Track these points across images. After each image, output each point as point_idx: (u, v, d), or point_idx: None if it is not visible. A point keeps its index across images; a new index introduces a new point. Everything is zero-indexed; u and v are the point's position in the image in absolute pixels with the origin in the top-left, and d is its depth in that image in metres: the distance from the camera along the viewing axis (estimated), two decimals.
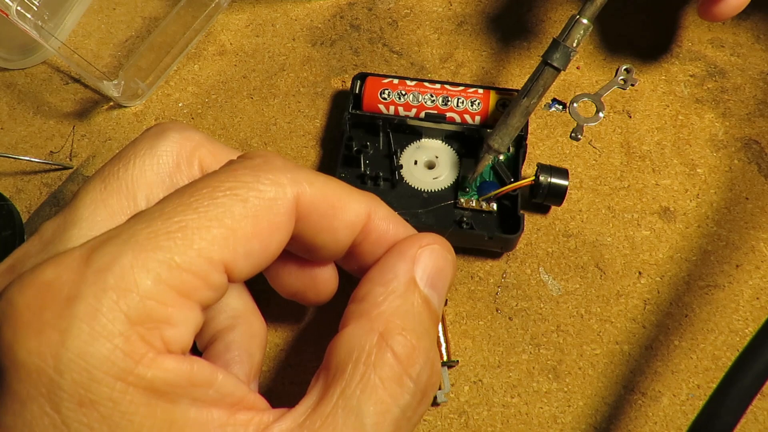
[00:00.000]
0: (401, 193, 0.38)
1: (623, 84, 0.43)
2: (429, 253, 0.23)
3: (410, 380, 0.20)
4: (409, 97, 0.39)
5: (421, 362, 0.20)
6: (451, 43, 0.45)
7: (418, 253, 0.23)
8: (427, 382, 0.20)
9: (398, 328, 0.20)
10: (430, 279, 0.22)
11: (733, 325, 0.36)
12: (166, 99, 0.44)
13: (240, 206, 0.19)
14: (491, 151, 0.36)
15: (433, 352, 0.21)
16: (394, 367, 0.20)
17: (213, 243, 0.19)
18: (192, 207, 0.19)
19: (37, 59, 0.45)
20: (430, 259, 0.23)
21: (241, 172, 0.20)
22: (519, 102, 0.36)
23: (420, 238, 0.23)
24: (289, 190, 0.21)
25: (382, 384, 0.19)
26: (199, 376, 0.18)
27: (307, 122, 0.42)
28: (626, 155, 0.40)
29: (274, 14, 0.47)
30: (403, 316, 0.21)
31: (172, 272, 0.18)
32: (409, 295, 0.21)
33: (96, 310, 0.17)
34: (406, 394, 0.20)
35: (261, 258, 0.20)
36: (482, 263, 0.37)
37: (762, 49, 0.44)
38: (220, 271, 0.19)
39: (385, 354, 0.20)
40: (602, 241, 0.38)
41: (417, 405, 0.20)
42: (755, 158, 0.40)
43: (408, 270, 0.22)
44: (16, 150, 0.42)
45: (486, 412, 0.34)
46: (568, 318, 0.36)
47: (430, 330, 0.21)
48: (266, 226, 0.20)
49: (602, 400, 0.34)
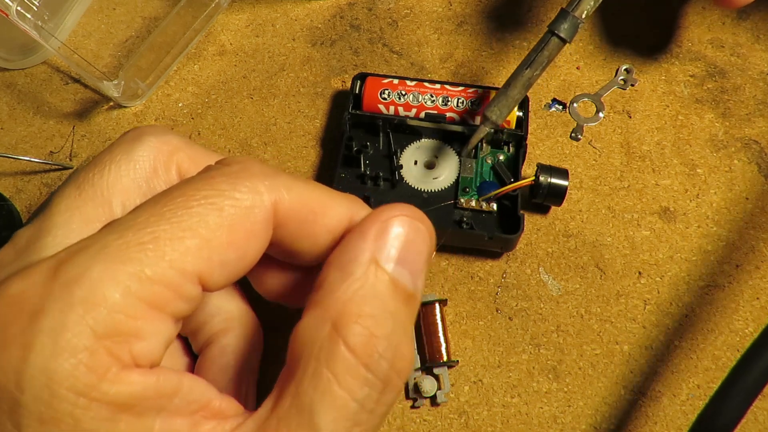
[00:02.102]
0: (401, 193, 0.38)
1: (623, 84, 0.43)
2: (393, 227, 0.20)
3: (367, 371, 0.18)
4: (409, 97, 0.39)
5: (380, 350, 0.19)
6: (451, 43, 0.45)
7: (380, 229, 0.20)
8: (388, 371, 0.19)
9: (353, 316, 0.19)
10: (398, 255, 0.20)
11: (733, 325, 0.36)
12: (166, 99, 0.44)
13: (215, 215, 0.19)
14: (488, 122, 0.35)
15: (398, 337, 0.19)
16: (348, 359, 0.18)
17: (186, 254, 0.18)
18: (165, 217, 0.19)
19: (37, 59, 0.45)
20: (395, 233, 0.20)
21: (217, 179, 0.20)
22: (521, 73, 0.35)
23: (381, 211, 0.21)
24: (267, 198, 0.20)
25: (335, 379, 0.18)
26: (165, 387, 0.18)
27: (307, 122, 0.42)
28: (626, 155, 0.40)
29: (274, 14, 0.47)
30: (362, 302, 0.19)
31: (142, 285, 0.18)
32: (369, 276, 0.19)
33: (61, 325, 0.17)
34: (364, 386, 0.18)
35: (237, 267, 0.20)
36: (482, 263, 0.37)
37: (762, 49, 0.44)
38: (193, 282, 0.19)
39: (337, 346, 0.18)
40: (602, 241, 0.38)
41: (379, 396, 0.19)
42: (755, 158, 0.40)
43: (367, 249, 0.20)
44: (16, 150, 0.42)
45: (486, 412, 0.34)
46: (568, 318, 0.36)
47: (397, 313, 0.20)
48: (242, 235, 0.20)
49: (602, 400, 0.34)
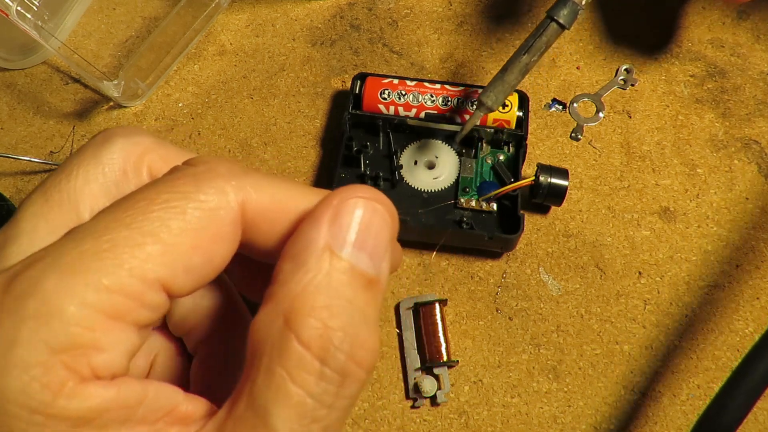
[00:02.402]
0: (401, 193, 0.38)
1: (623, 84, 0.43)
2: (348, 210, 0.19)
3: (323, 365, 0.17)
4: (409, 97, 0.39)
5: (336, 342, 0.18)
6: (451, 43, 0.45)
7: (334, 213, 0.19)
8: (346, 363, 0.18)
9: (306, 309, 0.18)
10: (355, 239, 0.19)
11: (733, 325, 0.36)
12: (166, 99, 0.44)
13: (178, 219, 0.18)
14: (483, 108, 0.35)
15: (357, 326, 0.18)
16: (301, 354, 0.17)
17: (147, 261, 0.18)
18: (124, 223, 0.18)
19: (37, 59, 0.45)
20: (350, 216, 0.19)
21: (181, 181, 0.19)
22: (518, 58, 0.34)
23: (335, 195, 0.19)
24: (233, 198, 0.19)
25: (288, 376, 0.17)
26: (127, 397, 0.18)
27: (307, 122, 0.42)
28: (626, 155, 0.40)
29: (274, 14, 0.47)
30: (315, 292, 0.18)
31: (99, 295, 0.17)
32: (323, 265, 0.18)
33: (11, 341, 0.16)
34: (320, 381, 0.17)
35: (204, 271, 0.19)
36: (482, 263, 0.37)
37: (762, 49, 0.44)
38: (156, 289, 0.18)
39: (289, 341, 0.17)
40: (602, 241, 0.38)
41: (337, 389, 0.18)
42: (755, 158, 0.40)
43: (320, 236, 0.19)
44: (16, 150, 0.42)
45: (486, 412, 0.34)
46: (568, 318, 0.36)
47: (356, 300, 0.18)
48: (208, 239, 0.19)
49: (602, 400, 0.34)
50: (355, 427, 0.34)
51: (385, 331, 0.36)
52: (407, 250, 0.38)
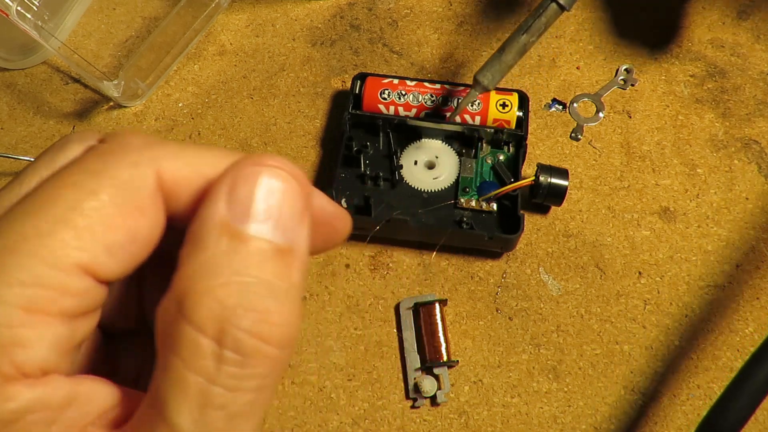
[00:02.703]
0: (401, 193, 0.38)
1: (623, 84, 0.43)
2: (246, 180, 0.18)
3: (221, 347, 0.16)
4: (409, 97, 0.39)
5: (235, 321, 0.16)
6: (451, 43, 0.45)
7: (231, 186, 0.18)
8: (249, 341, 0.17)
9: (200, 290, 0.17)
10: (257, 210, 0.18)
11: (733, 325, 0.36)
12: (166, 99, 0.44)
13: (90, 200, 0.17)
14: (479, 87, 0.35)
15: (263, 301, 0.17)
16: (195, 338, 0.16)
17: (60, 248, 0.17)
18: (34, 213, 0.17)
19: (37, 59, 0.45)
20: (248, 186, 0.18)
21: (91, 160, 0.18)
22: (517, 38, 0.34)
23: (233, 166, 0.18)
24: (148, 170, 0.18)
25: (184, 364, 0.16)
26: (54, 397, 0.17)
27: (307, 122, 0.42)
28: (626, 155, 0.40)
29: (274, 14, 0.47)
30: (211, 272, 0.17)
31: (14, 290, 0.16)
32: (221, 241, 0.17)
33: None
34: (220, 365, 0.16)
35: (132, 249, 0.18)
36: (482, 263, 0.37)
37: (762, 49, 0.44)
38: (77, 275, 0.17)
39: (182, 327, 0.16)
40: (602, 241, 0.38)
41: (241, 371, 0.17)
42: (755, 158, 0.40)
43: (216, 211, 0.17)
44: (16, 150, 0.42)
45: (486, 412, 0.34)
46: (568, 318, 0.36)
47: (261, 273, 0.17)
48: (126, 215, 0.18)
49: (602, 400, 0.34)
50: (355, 427, 0.34)
51: (385, 331, 0.36)
52: (407, 250, 0.38)
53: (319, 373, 0.35)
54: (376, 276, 0.37)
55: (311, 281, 0.37)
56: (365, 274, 0.38)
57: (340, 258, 0.38)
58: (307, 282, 0.37)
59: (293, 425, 0.34)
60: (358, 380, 0.35)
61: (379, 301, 0.37)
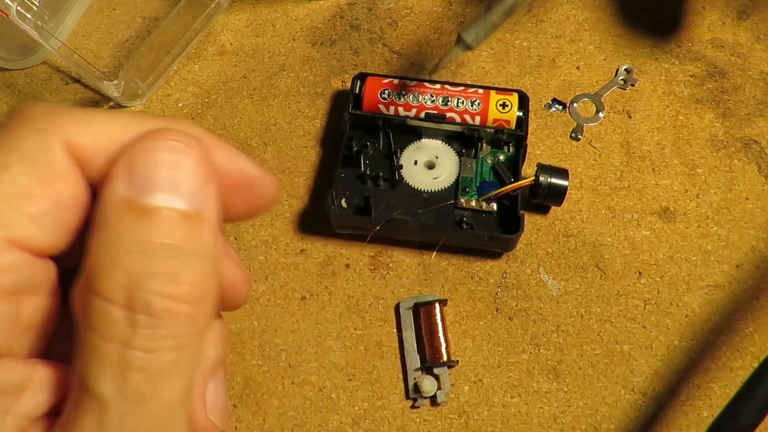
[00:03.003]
0: (401, 193, 0.38)
1: (623, 84, 0.43)
2: (142, 153, 0.17)
3: (131, 311, 0.16)
4: (409, 97, 0.39)
5: (142, 285, 0.16)
6: (451, 43, 0.45)
7: (127, 162, 0.17)
8: (157, 302, 0.17)
9: (105, 264, 0.16)
10: (156, 182, 0.17)
11: (733, 325, 0.36)
12: (166, 99, 0.44)
13: (1, 174, 0.17)
14: (462, 44, 0.34)
15: (171, 264, 0.17)
16: (104, 307, 0.16)
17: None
18: None
19: (37, 59, 0.45)
20: (145, 159, 0.17)
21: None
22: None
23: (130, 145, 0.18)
24: (54, 138, 0.18)
25: (96, 335, 0.16)
26: (6, 381, 0.17)
27: (307, 122, 0.42)
28: (626, 155, 0.40)
29: (274, 14, 0.47)
30: (116, 246, 0.17)
31: None
32: (122, 218, 0.17)
33: None
34: (133, 329, 0.16)
35: (60, 217, 0.18)
36: (482, 263, 0.37)
37: (762, 49, 0.44)
38: (7, 249, 0.17)
39: (92, 301, 0.16)
40: (602, 241, 0.38)
41: (155, 331, 0.17)
42: (755, 158, 0.40)
43: (115, 189, 0.17)
44: None
45: (486, 412, 0.34)
46: (568, 318, 0.36)
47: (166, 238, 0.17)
48: (42, 183, 0.18)
49: (602, 400, 0.34)
50: (355, 427, 0.34)
51: (385, 331, 0.36)
52: (407, 250, 0.38)
53: (319, 373, 0.35)
54: (376, 276, 0.37)
55: (311, 281, 0.37)
56: (365, 274, 0.38)
57: (340, 258, 0.38)
58: (307, 282, 0.37)
59: (293, 425, 0.34)
60: (358, 380, 0.35)
61: (379, 301, 0.37)
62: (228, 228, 0.39)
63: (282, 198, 0.40)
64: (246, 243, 0.39)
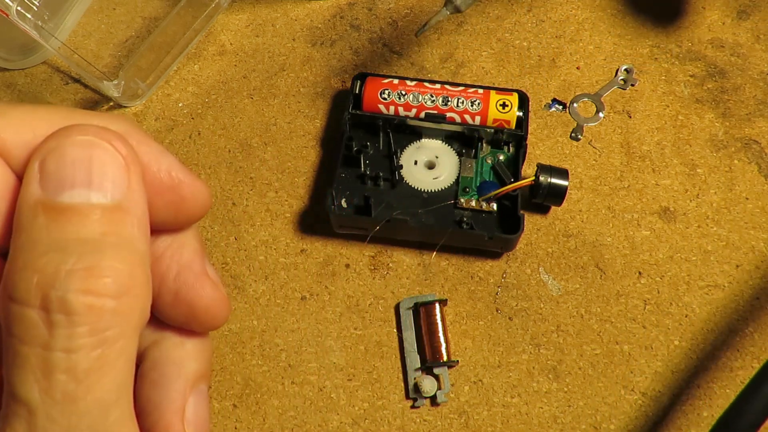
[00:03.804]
0: (401, 193, 0.38)
1: (623, 84, 0.43)
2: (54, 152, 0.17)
3: (47, 312, 0.16)
4: (409, 97, 0.39)
5: (57, 284, 0.16)
6: (451, 43, 0.45)
7: (38, 163, 0.17)
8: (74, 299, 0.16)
9: (18, 268, 0.16)
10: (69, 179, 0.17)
11: (733, 325, 0.36)
12: (166, 99, 0.44)
13: None
14: (450, 6, 0.34)
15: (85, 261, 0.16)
16: (19, 311, 0.16)
17: None
18: None
19: (37, 59, 0.45)
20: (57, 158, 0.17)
21: None
22: None
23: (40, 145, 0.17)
24: None
25: (15, 340, 0.16)
26: None
27: (307, 122, 0.42)
28: (626, 155, 0.40)
29: (274, 14, 0.47)
30: (29, 248, 0.16)
31: None
32: (37, 219, 0.17)
33: None
34: (52, 329, 0.16)
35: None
36: (482, 263, 0.37)
37: (762, 49, 0.44)
38: None
39: (9, 307, 0.16)
40: (602, 241, 0.38)
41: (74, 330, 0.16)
42: (755, 158, 0.40)
43: (28, 191, 0.17)
44: None
45: (486, 412, 0.34)
46: (568, 318, 0.36)
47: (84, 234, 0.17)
48: None
49: (602, 400, 0.34)
50: (355, 427, 0.34)
51: (385, 331, 0.36)
52: (407, 250, 0.38)
53: (319, 373, 0.35)
54: (376, 276, 0.37)
55: (311, 281, 0.37)
56: (365, 274, 0.38)
57: (340, 258, 0.38)
58: (307, 282, 0.37)
59: (293, 425, 0.34)
60: (358, 380, 0.35)
61: (379, 301, 0.37)
62: (228, 228, 0.39)
63: (282, 198, 0.40)
64: (246, 243, 0.39)
